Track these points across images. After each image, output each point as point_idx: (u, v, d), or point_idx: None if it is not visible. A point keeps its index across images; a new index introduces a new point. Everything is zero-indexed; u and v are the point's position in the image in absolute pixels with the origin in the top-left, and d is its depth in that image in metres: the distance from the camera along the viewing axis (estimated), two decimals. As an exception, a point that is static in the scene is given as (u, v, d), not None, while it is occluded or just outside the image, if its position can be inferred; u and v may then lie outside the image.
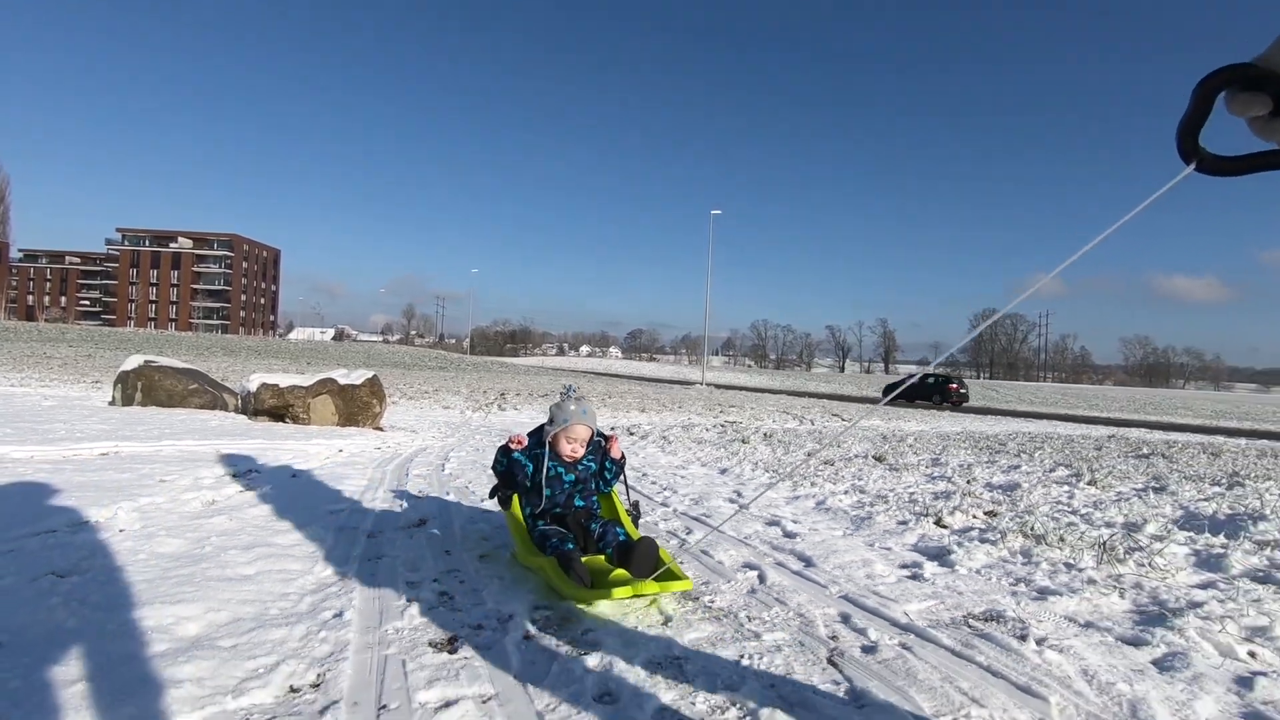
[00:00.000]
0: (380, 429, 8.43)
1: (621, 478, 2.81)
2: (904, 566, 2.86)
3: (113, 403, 9.12)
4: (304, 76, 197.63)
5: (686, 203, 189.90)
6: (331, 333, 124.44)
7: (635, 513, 2.77)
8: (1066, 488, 4.92)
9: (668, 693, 1.59)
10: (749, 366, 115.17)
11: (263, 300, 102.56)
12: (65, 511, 2.92)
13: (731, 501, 4.35)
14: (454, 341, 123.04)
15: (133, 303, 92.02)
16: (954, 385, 30.64)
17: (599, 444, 2.69)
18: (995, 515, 3.90)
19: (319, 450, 5.62)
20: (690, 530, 3.45)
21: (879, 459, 6.70)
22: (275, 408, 8.19)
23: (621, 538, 2.42)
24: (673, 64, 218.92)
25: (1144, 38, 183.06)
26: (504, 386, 22.30)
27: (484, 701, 1.52)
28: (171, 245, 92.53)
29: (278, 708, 1.47)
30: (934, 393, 30.38)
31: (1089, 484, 5.03)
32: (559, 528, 2.51)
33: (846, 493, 4.73)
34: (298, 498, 3.68)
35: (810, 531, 3.48)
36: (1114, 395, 63.77)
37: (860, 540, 3.30)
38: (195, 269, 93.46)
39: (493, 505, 3.24)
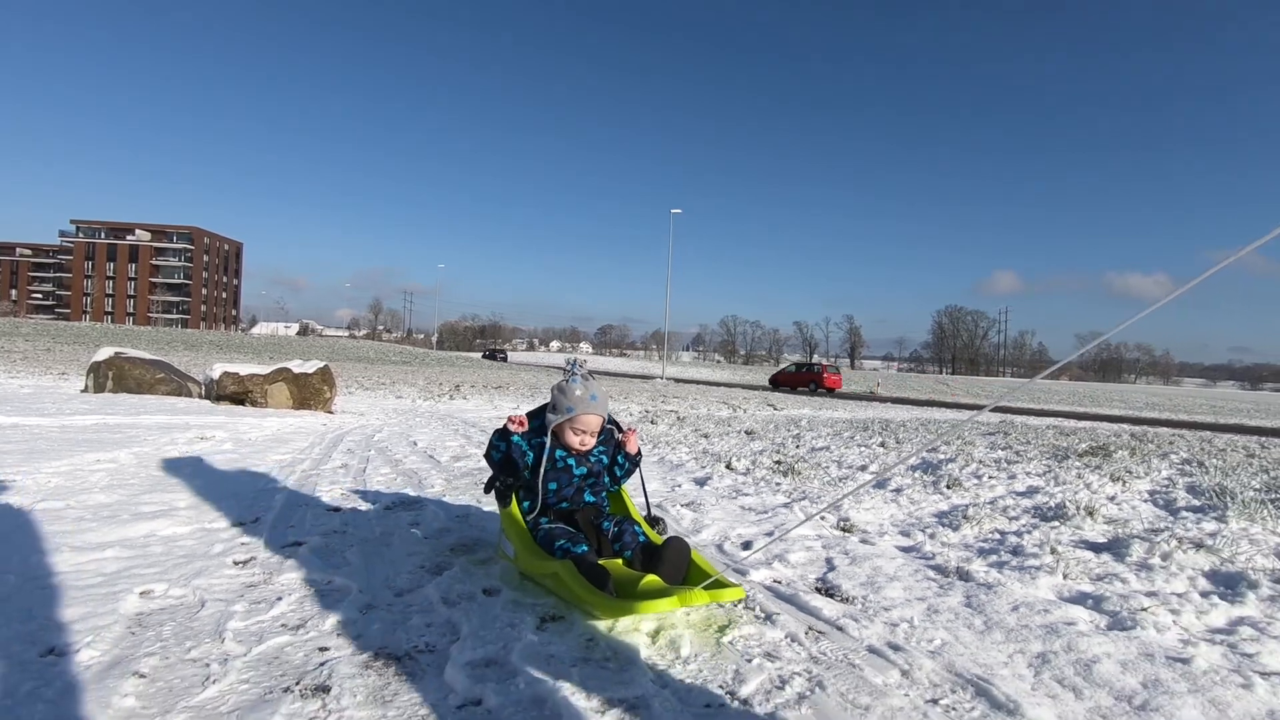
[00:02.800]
0: (330, 412, 9.61)
1: (638, 478, 2.54)
2: (672, 486, 4.23)
3: (85, 390, 10.11)
4: (266, 67, 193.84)
5: (658, 199, 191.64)
6: (296, 327, 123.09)
7: (657, 527, 2.41)
8: (861, 448, 6.37)
9: (450, 521, 2.92)
10: (718, 362, 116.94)
11: (224, 294, 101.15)
12: (81, 455, 4.13)
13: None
14: (422, 336, 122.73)
15: (88, 296, 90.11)
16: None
17: (611, 433, 2.40)
18: (778, 463, 5.32)
19: (273, 424, 6.82)
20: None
21: (749, 433, 8.15)
22: (236, 393, 9.31)
23: (642, 539, 2.15)
24: (646, 60, 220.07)
25: (1103, 37, 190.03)
26: (461, 379, 23.43)
27: (345, 523, 2.84)
28: (129, 238, 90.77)
29: (233, 525, 2.76)
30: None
31: (880, 445, 6.51)
32: (567, 526, 2.19)
33: (690, 452, 6.12)
34: (253, 449, 4.92)
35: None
36: (1058, 389, 67.03)
37: (659, 475, 4.67)
38: (153, 262, 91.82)
39: (450, 486, 4.45)
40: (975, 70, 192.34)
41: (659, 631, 1.76)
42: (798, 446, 6.61)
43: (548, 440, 2.24)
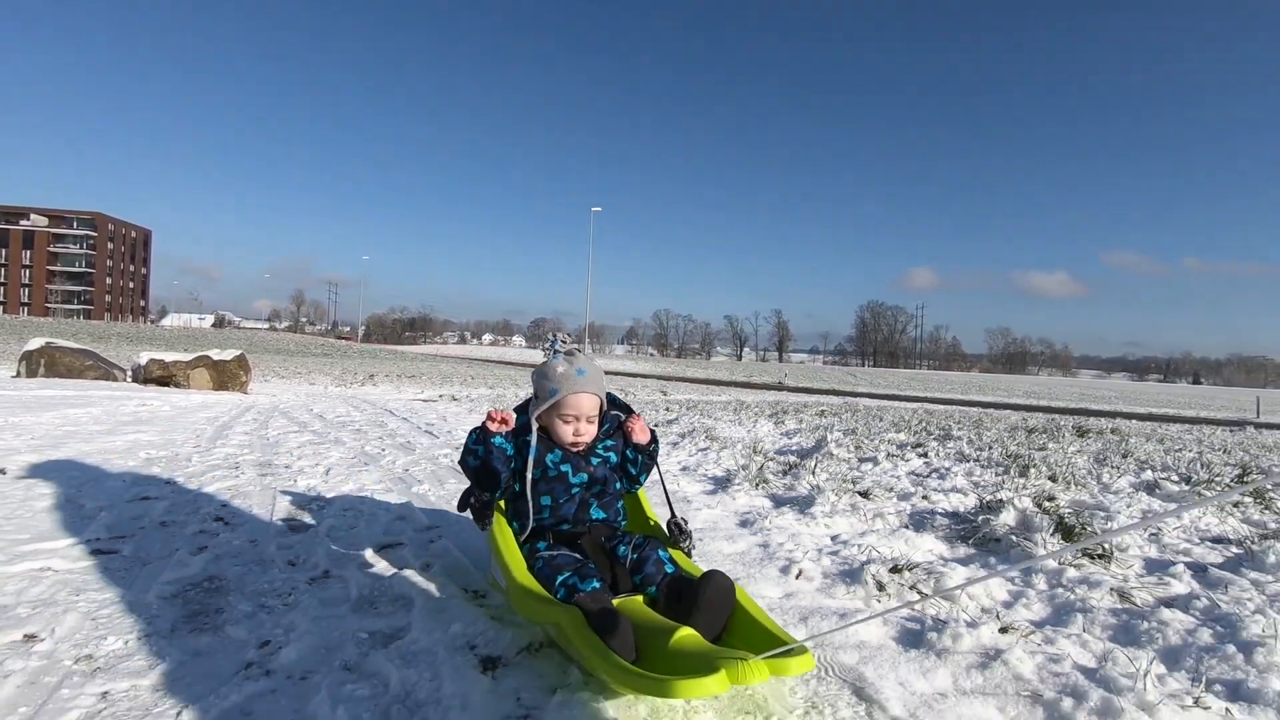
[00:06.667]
0: (246, 393, 11.33)
1: (656, 474, 1.95)
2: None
3: (18, 375, 11.42)
4: (173, 44, 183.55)
5: (591, 194, 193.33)
6: (211, 318, 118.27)
7: (678, 536, 1.83)
8: (665, 415, 8.75)
9: (315, 438, 5.05)
10: (651, 355, 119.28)
11: (131, 284, 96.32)
12: (63, 410, 5.98)
13: (431, 434, 7.82)
14: (348, 329, 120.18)
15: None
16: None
17: (617, 421, 1.87)
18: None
19: (198, 398, 8.64)
20: (383, 423, 6.92)
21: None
22: (161, 377, 10.92)
23: (670, 569, 1.63)
24: (579, 54, 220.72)
25: (1019, 36, 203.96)
26: (376, 370, 24.92)
27: (254, 438, 4.93)
28: (23, 223, 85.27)
29: (185, 438, 4.80)
30: None
31: (666, 410, 8.92)
32: (571, 553, 1.69)
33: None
34: (186, 410, 6.84)
35: (465, 429, 7.02)
36: (954, 379, 73.37)
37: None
38: (51, 249, 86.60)
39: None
40: (893, 75, 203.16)
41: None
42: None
43: (533, 439, 1.75)
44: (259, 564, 2.08)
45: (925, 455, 4.74)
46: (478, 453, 1.76)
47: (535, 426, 1.76)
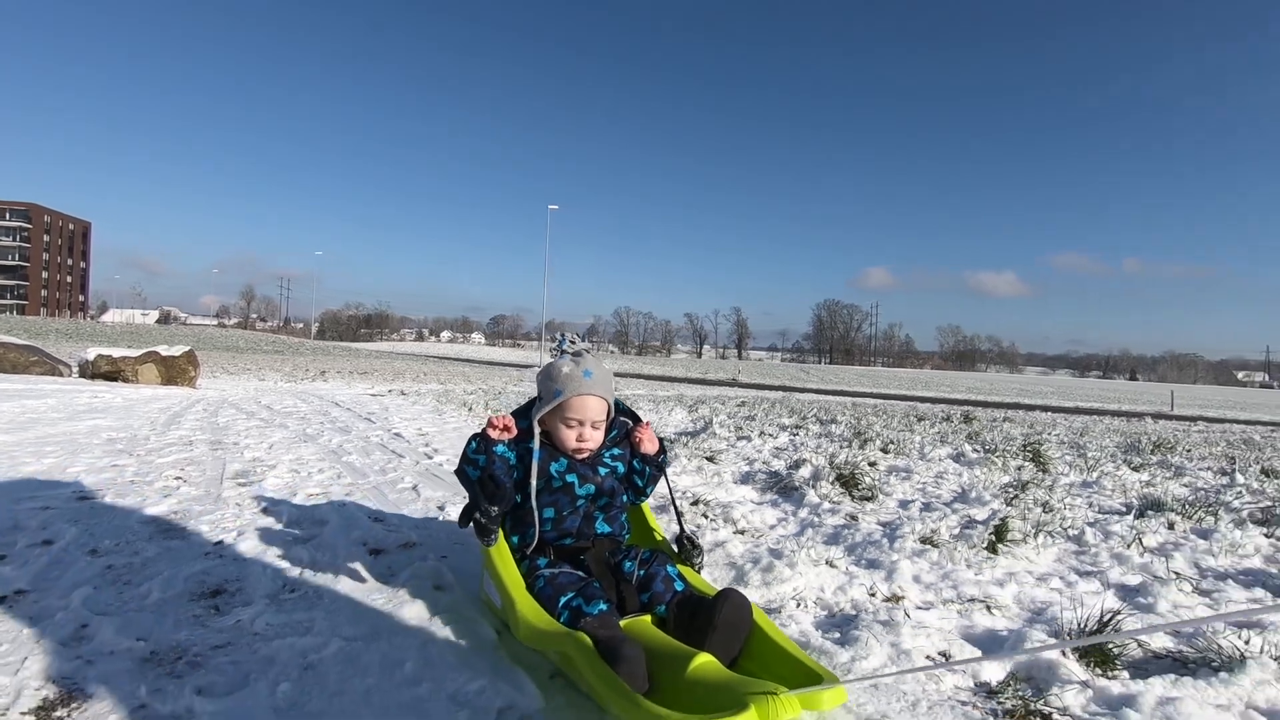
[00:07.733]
0: (195, 388, 11.63)
1: (665, 485, 1.92)
2: (417, 415, 7.06)
3: (-40, 371, 11.47)
4: (116, 29, 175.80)
5: (551, 192, 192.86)
6: (155, 315, 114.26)
7: (689, 552, 1.76)
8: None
9: (263, 424, 5.62)
10: (612, 353, 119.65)
11: (69, 278, 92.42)
12: (20, 401, 6.38)
13: (369, 420, 8.40)
14: (300, 325, 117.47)
15: (-104, 277, 79.60)
16: None
17: (625, 429, 1.78)
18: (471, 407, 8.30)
19: (148, 392, 9.01)
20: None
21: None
22: (109, 372, 11.15)
23: (680, 587, 1.56)
24: (541, 51, 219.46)
25: (974, 41, 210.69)
26: (328, 366, 25.02)
27: (205, 422, 5.48)
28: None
29: (140, 424, 5.32)
30: None
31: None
32: (574, 570, 1.61)
33: (453, 408, 8.95)
34: (139, 402, 7.28)
35: (402, 417, 7.63)
36: (904, 376, 76.01)
37: (435, 416, 7.48)
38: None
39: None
40: (851, 78, 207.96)
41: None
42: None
43: (535, 445, 1.66)
44: (214, 504, 2.73)
45: (796, 435, 5.58)
46: (478, 462, 1.64)
47: (538, 431, 1.66)
